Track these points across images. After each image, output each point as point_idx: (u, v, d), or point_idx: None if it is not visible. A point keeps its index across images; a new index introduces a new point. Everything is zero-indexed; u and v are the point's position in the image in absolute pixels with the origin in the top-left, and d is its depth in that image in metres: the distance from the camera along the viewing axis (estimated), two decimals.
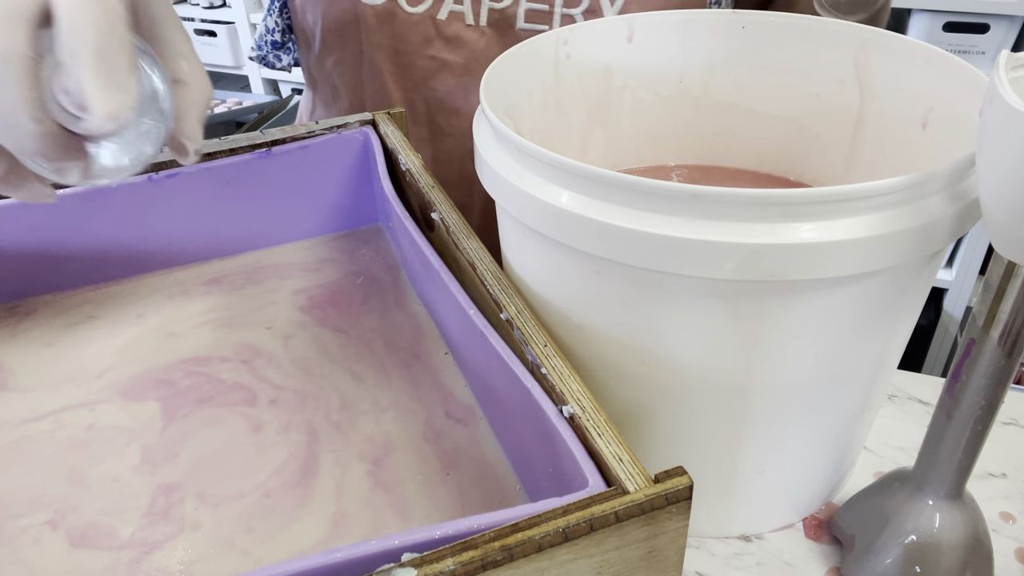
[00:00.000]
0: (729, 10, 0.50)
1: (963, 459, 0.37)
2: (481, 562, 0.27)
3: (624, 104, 0.54)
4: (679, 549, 0.31)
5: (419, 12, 0.59)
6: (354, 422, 0.43)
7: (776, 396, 0.38)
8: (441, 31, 0.60)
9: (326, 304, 0.52)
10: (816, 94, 0.50)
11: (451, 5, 0.59)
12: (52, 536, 0.37)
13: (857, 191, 0.31)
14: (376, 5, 0.60)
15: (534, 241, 0.38)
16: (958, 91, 0.41)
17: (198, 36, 2.28)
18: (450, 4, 0.59)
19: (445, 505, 0.38)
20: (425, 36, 0.60)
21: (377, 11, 0.60)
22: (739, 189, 0.31)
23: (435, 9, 0.59)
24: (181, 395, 0.45)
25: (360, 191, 0.58)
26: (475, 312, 0.40)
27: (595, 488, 0.30)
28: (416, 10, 0.59)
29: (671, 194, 0.32)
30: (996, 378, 0.34)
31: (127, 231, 0.53)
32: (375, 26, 0.61)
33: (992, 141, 0.28)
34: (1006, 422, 0.54)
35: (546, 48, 0.49)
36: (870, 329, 0.37)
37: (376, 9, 0.60)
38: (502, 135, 0.37)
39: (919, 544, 0.38)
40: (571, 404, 0.33)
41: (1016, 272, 0.31)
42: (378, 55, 0.62)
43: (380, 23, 0.61)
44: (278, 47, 0.70)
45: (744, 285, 0.33)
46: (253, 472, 0.40)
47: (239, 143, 0.54)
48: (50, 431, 0.43)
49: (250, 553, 0.36)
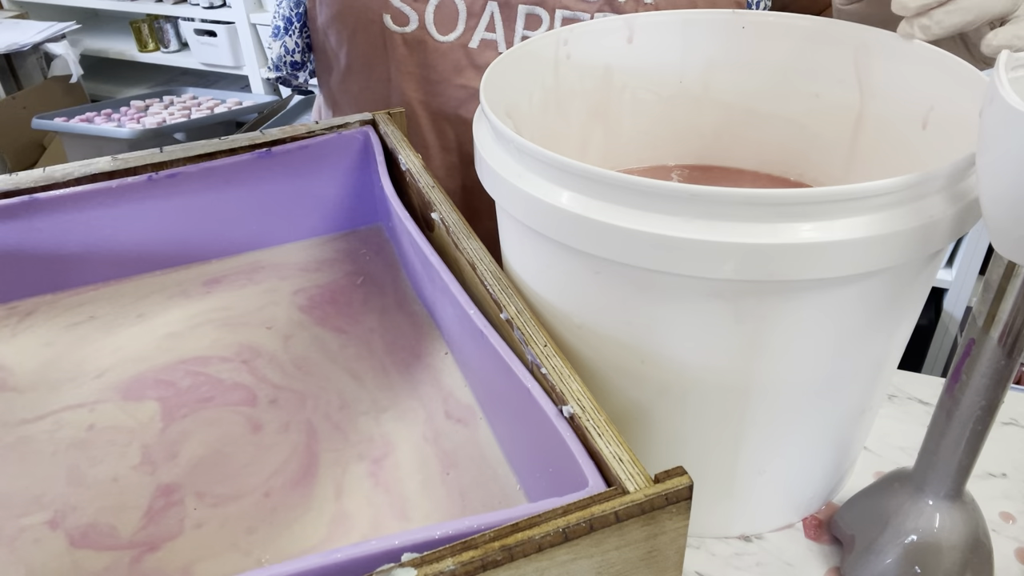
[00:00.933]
0: (729, 10, 0.50)
1: (963, 459, 0.37)
2: (481, 562, 0.27)
3: (624, 104, 0.54)
4: (679, 549, 0.31)
5: (450, 40, 0.59)
6: (354, 422, 0.43)
7: (776, 396, 0.38)
8: (473, 59, 0.59)
9: (326, 304, 0.52)
10: (816, 94, 0.50)
11: (483, 33, 0.58)
12: (52, 536, 0.37)
13: (857, 191, 0.31)
14: (406, 33, 0.59)
15: (534, 241, 0.38)
16: (958, 91, 0.41)
17: (198, 36, 2.28)
18: (482, 32, 0.58)
19: (445, 505, 0.38)
20: (456, 64, 0.59)
21: (407, 39, 0.59)
22: (739, 189, 0.31)
23: (466, 37, 0.58)
24: (181, 395, 0.45)
25: (360, 191, 0.58)
26: (475, 312, 0.40)
27: (595, 488, 0.30)
28: (447, 39, 0.59)
29: (671, 194, 0.32)
30: (996, 378, 0.34)
31: (127, 231, 0.53)
32: (405, 54, 0.60)
33: (992, 141, 0.28)
34: (1006, 422, 0.54)
35: (546, 48, 0.49)
36: (870, 329, 0.37)
37: (406, 37, 0.59)
38: (502, 135, 0.37)
39: (919, 544, 0.38)
40: (571, 404, 0.33)
41: (1016, 272, 0.31)
42: (407, 83, 0.61)
43: (410, 51, 0.59)
44: (298, 67, 0.68)
45: (744, 285, 0.33)
46: (253, 472, 0.40)
47: (239, 143, 0.54)
48: (50, 431, 0.43)
49: (250, 553, 0.36)
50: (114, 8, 2.41)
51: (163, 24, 2.43)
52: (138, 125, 1.94)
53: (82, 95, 2.28)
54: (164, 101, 2.14)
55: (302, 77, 0.70)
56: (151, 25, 2.46)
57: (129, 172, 0.52)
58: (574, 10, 0.57)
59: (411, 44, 0.59)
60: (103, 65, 2.64)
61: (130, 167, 0.52)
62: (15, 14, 2.42)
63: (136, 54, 2.50)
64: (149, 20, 2.45)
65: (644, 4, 0.57)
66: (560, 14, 0.57)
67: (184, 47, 2.46)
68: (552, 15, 0.57)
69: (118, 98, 2.20)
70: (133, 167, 0.52)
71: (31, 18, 2.42)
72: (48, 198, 0.50)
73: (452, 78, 0.60)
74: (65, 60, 2.19)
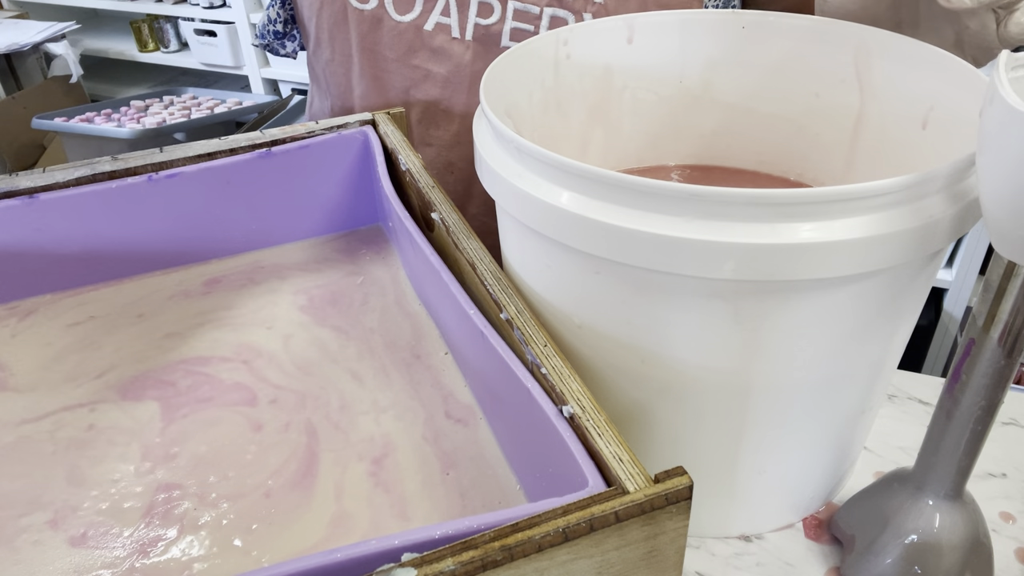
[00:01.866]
0: (729, 10, 0.50)
1: (963, 459, 0.37)
2: (481, 562, 0.27)
3: (624, 104, 0.54)
4: (679, 549, 0.31)
5: (406, 21, 0.60)
6: (354, 422, 0.43)
7: (776, 396, 0.38)
8: (426, 41, 0.60)
9: (326, 304, 0.52)
10: (816, 94, 0.50)
11: (438, 17, 0.59)
12: (52, 536, 0.37)
13: (857, 191, 0.31)
14: (366, 10, 0.60)
15: (534, 241, 0.38)
16: (958, 91, 0.41)
17: (198, 36, 2.28)
18: (437, 16, 0.59)
19: (445, 505, 0.38)
20: (410, 45, 0.61)
21: (366, 16, 0.60)
22: (739, 189, 0.31)
23: (422, 19, 0.60)
24: (181, 395, 0.45)
25: (360, 191, 0.58)
26: (475, 312, 0.40)
27: (595, 488, 0.30)
28: (403, 19, 0.60)
29: (671, 194, 0.32)
30: (996, 378, 0.34)
31: (127, 231, 0.53)
32: (365, 31, 0.61)
33: (992, 141, 0.28)
34: (1006, 422, 0.54)
35: (546, 48, 0.49)
36: (870, 329, 0.37)
37: (365, 14, 0.60)
38: (502, 135, 0.37)
39: (919, 544, 0.38)
40: (571, 404, 0.33)
41: (1016, 272, 0.31)
42: (365, 59, 0.62)
43: (369, 28, 0.61)
44: (280, 36, 0.70)
45: (744, 285, 0.33)
46: (253, 472, 0.40)
47: (239, 143, 0.54)
48: (50, 431, 0.43)
49: (250, 553, 0.36)
50: (114, 8, 2.41)
51: (163, 24, 2.44)
52: (138, 125, 1.93)
53: (82, 95, 2.28)
54: (164, 101, 2.14)
55: (289, 47, 0.72)
56: (151, 25, 2.46)
57: (129, 172, 0.52)
58: (524, 2, 0.58)
59: (370, 21, 0.61)
60: (103, 65, 2.64)
61: (130, 167, 0.52)
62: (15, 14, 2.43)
63: (136, 54, 2.50)
64: (149, 20, 2.46)
65: (593, 3, 0.57)
66: (511, 5, 0.58)
67: (184, 47, 2.47)
68: (504, 6, 0.58)
69: (118, 98, 2.20)
70: (133, 167, 0.52)
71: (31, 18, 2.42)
72: (48, 198, 0.50)
73: (406, 58, 0.61)
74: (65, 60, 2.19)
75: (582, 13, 0.57)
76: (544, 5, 0.58)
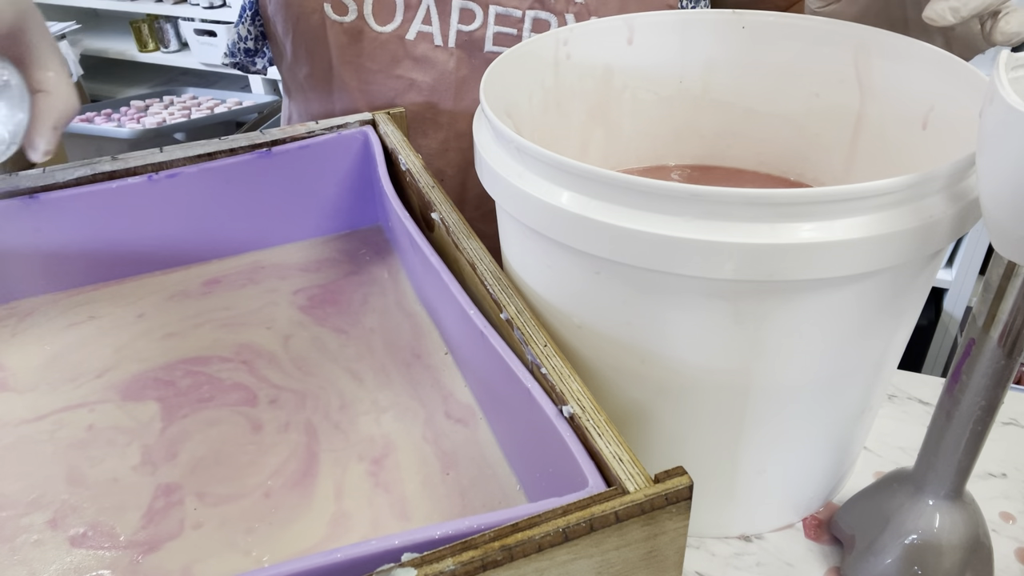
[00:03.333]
0: (729, 10, 0.50)
1: (963, 459, 0.37)
2: (481, 562, 0.27)
3: (624, 104, 0.54)
4: (679, 549, 0.31)
5: (387, 32, 0.60)
6: (354, 422, 0.43)
7: (776, 396, 0.38)
8: (409, 51, 0.60)
9: (326, 304, 0.52)
10: (816, 94, 0.50)
11: (419, 25, 0.59)
12: (52, 536, 0.37)
13: (857, 191, 0.31)
14: (345, 22, 0.60)
15: (534, 241, 0.38)
16: (958, 91, 0.41)
17: (198, 36, 2.28)
18: (419, 24, 0.59)
19: (445, 505, 0.38)
20: (393, 55, 0.60)
21: (346, 28, 0.60)
22: (739, 189, 0.31)
23: (403, 29, 0.59)
24: (181, 395, 0.45)
25: (360, 191, 0.58)
26: (475, 312, 0.40)
27: (595, 488, 0.30)
28: (384, 29, 0.59)
29: (671, 194, 0.32)
30: (996, 378, 0.34)
31: (127, 231, 0.53)
32: (345, 43, 0.61)
33: (992, 141, 0.28)
34: (1006, 422, 0.54)
35: (546, 48, 0.49)
36: (870, 329, 0.37)
37: (345, 26, 0.60)
38: (502, 135, 0.37)
39: (919, 544, 0.38)
40: (571, 404, 0.33)
41: (1016, 272, 0.31)
42: (347, 72, 0.62)
43: (349, 40, 0.60)
44: (251, 54, 0.69)
45: (744, 285, 0.33)
46: (253, 472, 0.40)
47: (239, 143, 0.54)
48: (50, 431, 0.43)
49: (250, 553, 0.36)
50: (114, 8, 2.41)
51: (163, 24, 2.44)
52: (138, 125, 1.94)
53: (82, 95, 2.28)
54: (164, 101, 2.14)
55: (260, 64, 0.71)
56: (151, 25, 2.46)
57: (129, 172, 0.52)
58: (506, 7, 0.58)
59: (350, 34, 0.60)
60: (103, 65, 2.65)
61: (130, 167, 0.52)
62: None
63: (136, 54, 2.51)
64: (149, 20, 2.46)
65: (575, 4, 0.57)
66: (493, 10, 0.58)
67: (184, 47, 2.47)
68: (485, 11, 0.58)
69: (118, 98, 2.21)
70: (133, 167, 0.52)
71: None
72: (48, 198, 0.50)
73: (389, 69, 0.61)
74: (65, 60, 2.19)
75: (564, 14, 0.57)
76: (526, 8, 0.58)
